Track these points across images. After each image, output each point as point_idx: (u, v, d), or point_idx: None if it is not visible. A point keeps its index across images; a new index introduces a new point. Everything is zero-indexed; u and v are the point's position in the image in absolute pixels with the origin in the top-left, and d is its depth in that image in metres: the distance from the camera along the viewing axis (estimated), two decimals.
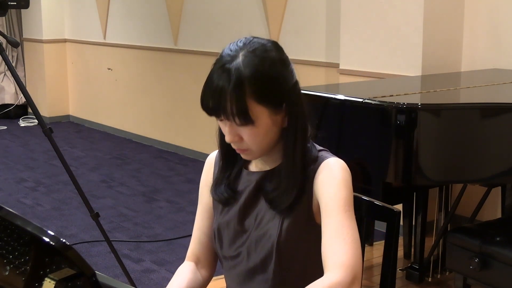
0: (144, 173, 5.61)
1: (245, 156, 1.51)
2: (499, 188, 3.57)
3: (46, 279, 0.99)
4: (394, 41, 3.87)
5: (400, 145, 2.71)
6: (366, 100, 2.81)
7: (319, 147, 1.53)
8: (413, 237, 3.43)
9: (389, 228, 1.66)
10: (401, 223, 3.47)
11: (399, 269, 3.44)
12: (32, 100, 3.20)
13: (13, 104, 7.93)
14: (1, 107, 7.94)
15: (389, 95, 2.90)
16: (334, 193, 1.41)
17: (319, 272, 1.36)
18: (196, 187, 1.71)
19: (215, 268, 1.68)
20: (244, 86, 1.39)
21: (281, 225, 1.47)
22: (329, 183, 1.43)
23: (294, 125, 1.46)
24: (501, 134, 2.71)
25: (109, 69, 7.08)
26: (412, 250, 3.45)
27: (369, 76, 3.97)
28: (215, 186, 1.59)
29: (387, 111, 2.70)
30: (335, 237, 1.36)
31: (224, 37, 5.43)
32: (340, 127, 2.97)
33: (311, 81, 4.51)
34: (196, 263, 1.65)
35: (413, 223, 3.44)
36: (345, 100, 2.89)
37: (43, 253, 1.01)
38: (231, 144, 1.49)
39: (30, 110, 7.76)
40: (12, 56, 7.93)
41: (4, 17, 7.69)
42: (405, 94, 3.06)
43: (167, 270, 3.59)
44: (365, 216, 1.72)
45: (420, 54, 3.76)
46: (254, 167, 1.57)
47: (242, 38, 1.47)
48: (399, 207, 2.32)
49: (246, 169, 1.57)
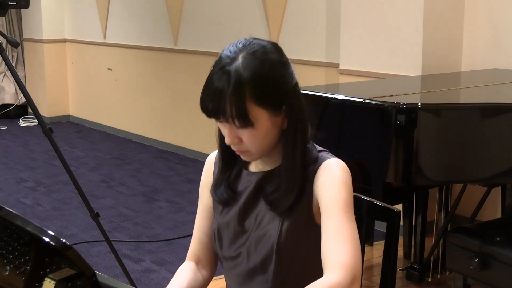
0: (144, 173, 5.61)
1: (245, 158, 1.51)
2: (499, 188, 3.57)
3: (46, 279, 0.99)
4: (394, 41, 3.87)
5: (400, 145, 2.71)
6: (366, 100, 2.81)
7: (319, 148, 1.53)
8: (413, 237, 3.43)
9: (389, 228, 1.66)
10: (401, 223, 3.48)
11: (399, 269, 3.44)
12: (32, 100, 3.20)
13: (13, 104, 7.93)
14: (1, 107, 7.94)
15: (389, 95, 2.90)
16: (334, 194, 1.41)
17: (319, 273, 1.36)
18: (196, 187, 1.71)
19: (216, 268, 1.68)
20: (244, 89, 1.38)
21: (281, 226, 1.47)
22: (329, 184, 1.43)
23: (294, 127, 1.46)
24: (501, 134, 2.71)
25: (109, 69, 7.08)
26: (412, 250, 3.45)
27: (369, 76, 3.97)
28: (215, 187, 1.59)
29: (387, 111, 2.70)
30: (335, 238, 1.36)
31: (224, 37, 5.43)
32: (340, 127, 2.97)
33: (311, 81, 4.52)
34: (197, 263, 1.65)
35: (413, 223, 3.44)
36: (345, 100, 2.89)
37: (43, 253, 1.01)
38: (231, 146, 1.49)
39: (30, 110, 7.77)
40: (12, 56, 7.93)
41: (4, 17, 7.69)
42: (405, 94, 3.06)
43: (167, 270, 3.59)
44: (365, 216, 1.72)
45: (420, 54, 3.76)
46: (254, 168, 1.56)
47: (242, 39, 1.46)
48: (399, 207, 2.32)
49: (246, 170, 1.57)
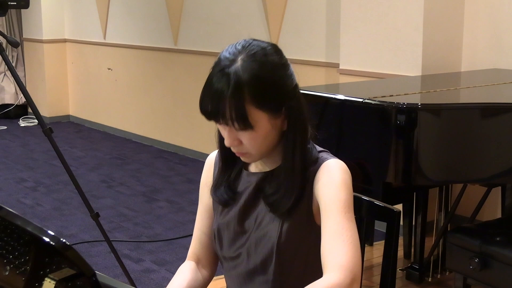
0: (144, 173, 5.61)
1: (245, 159, 1.51)
2: (499, 188, 3.57)
3: (46, 279, 0.99)
4: (394, 41, 3.87)
5: (400, 145, 2.71)
6: (366, 100, 2.81)
7: (320, 148, 1.53)
8: (413, 237, 3.43)
9: (389, 228, 1.65)
10: (401, 223, 3.48)
11: (399, 269, 3.44)
12: (32, 100, 3.20)
13: (13, 104, 7.93)
14: (1, 107, 7.94)
15: (389, 95, 2.90)
16: (334, 195, 1.41)
17: (319, 273, 1.35)
18: (196, 187, 1.71)
19: (216, 268, 1.68)
20: (243, 92, 1.37)
21: (281, 227, 1.47)
22: (329, 185, 1.42)
23: (294, 128, 1.45)
24: (501, 134, 2.70)
25: (109, 69, 7.08)
26: (412, 250, 3.45)
27: (369, 76, 3.97)
28: (215, 187, 1.58)
29: (387, 111, 2.70)
30: (335, 239, 1.35)
31: (224, 37, 5.43)
32: (340, 127, 2.97)
33: (311, 81, 4.52)
34: (197, 263, 1.65)
35: (413, 223, 3.43)
36: (345, 100, 2.89)
37: (43, 253, 1.01)
38: (231, 148, 1.48)
39: (30, 110, 7.77)
40: (12, 56, 7.93)
41: (4, 17, 7.69)
42: (405, 94, 3.06)
43: (167, 270, 3.59)
44: (365, 216, 1.72)
45: (420, 54, 3.76)
46: (254, 168, 1.56)
47: (241, 41, 1.45)
48: (399, 207, 2.32)
49: (246, 170, 1.57)
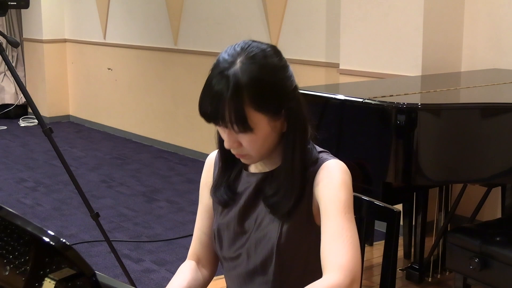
0: (144, 173, 5.61)
1: (245, 161, 1.51)
2: (499, 188, 3.57)
3: (46, 279, 0.99)
4: (394, 41, 3.87)
5: (400, 145, 2.71)
6: (366, 100, 2.81)
7: (320, 149, 1.52)
8: (413, 237, 3.43)
9: (389, 228, 1.65)
10: (401, 223, 3.48)
11: (399, 269, 3.44)
12: (32, 100, 3.20)
13: (13, 104, 7.93)
14: (1, 107, 7.94)
15: (389, 95, 2.90)
16: (334, 196, 1.40)
17: (319, 274, 1.35)
18: (196, 187, 1.71)
19: (216, 268, 1.68)
20: (243, 94, 1.36)
21: (281, 227, 1.47)
22: (329, 186, 1.42)
23: (293, 129, 1.45)
24: (501, 134, 2.70)
25: (109, 69, 7.08)
26: (412, 250, 3.45)
27: (369, 76, 3.97)
28: (215, 188, 1.58)
29: (387, 111, 2.70)
30: (334, 239, 1.35)
31: (224, 37, 5.43)
32: (340, 127, 2.97)
33: (311, 81, 4.52)
34: (197, 262, 1.65)
35: (413, 223, 3.43)
36: (345, 100, 2.89)
37: (43, 253, 1.01)
38: (230, 150, 1.48)
39: (30, 110, 7.77)
40: (12, 56, 7.93)
41: (4, 17, 7.69)
42: (405, 94, 3.06)
43: (167, 270, 3.59)
44: (365, 216, 1.72)
45: (420, 54, 3.76)
46: (254, 169, 1.56)
47: (240, 42, 1.43)
48: (399, 207, 2.32)
49: (246, 171, 1.57)
